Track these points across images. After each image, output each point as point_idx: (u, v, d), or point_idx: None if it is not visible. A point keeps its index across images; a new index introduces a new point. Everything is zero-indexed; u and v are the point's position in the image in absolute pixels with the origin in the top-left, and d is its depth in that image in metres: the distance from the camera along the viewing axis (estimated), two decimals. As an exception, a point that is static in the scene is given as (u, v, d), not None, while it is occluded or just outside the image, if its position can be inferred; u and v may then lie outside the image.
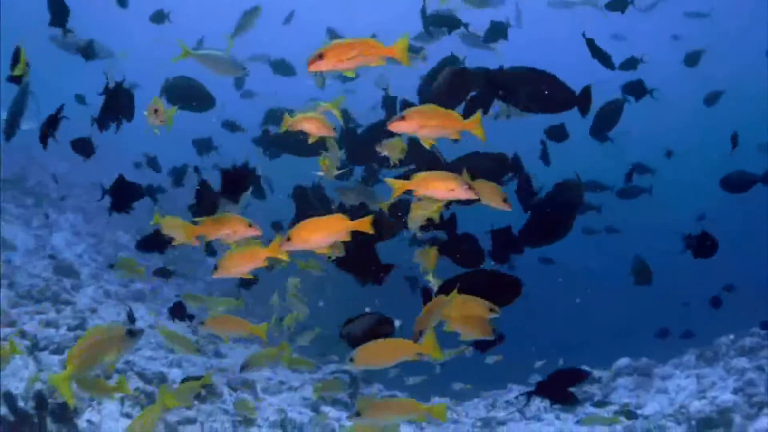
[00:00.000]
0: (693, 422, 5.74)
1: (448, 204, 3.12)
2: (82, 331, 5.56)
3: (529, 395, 4.03)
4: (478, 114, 2.28)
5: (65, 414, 3.96)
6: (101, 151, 4.56)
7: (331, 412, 5.68)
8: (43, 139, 3.28)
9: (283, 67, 5.99)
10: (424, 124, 2.24)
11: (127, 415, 4.29)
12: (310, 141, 3.11)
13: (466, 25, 4.23)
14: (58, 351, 4.94)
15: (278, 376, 6.20)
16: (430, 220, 3.16)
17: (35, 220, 10.18)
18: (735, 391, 6.18)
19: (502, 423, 6.03)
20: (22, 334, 4.76)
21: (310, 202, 3.71)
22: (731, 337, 7.31)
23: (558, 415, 6.11)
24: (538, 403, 6.58)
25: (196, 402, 4.99)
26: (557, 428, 5.52)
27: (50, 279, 7.42)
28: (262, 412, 5.15)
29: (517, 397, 6.52)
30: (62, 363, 4.68)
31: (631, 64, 4.86)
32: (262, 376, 5.98)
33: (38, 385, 3.93)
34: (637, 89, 4.56)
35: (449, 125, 2.27)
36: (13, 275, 7.05)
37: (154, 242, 4.07)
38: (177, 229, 2.96)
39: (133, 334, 2.34)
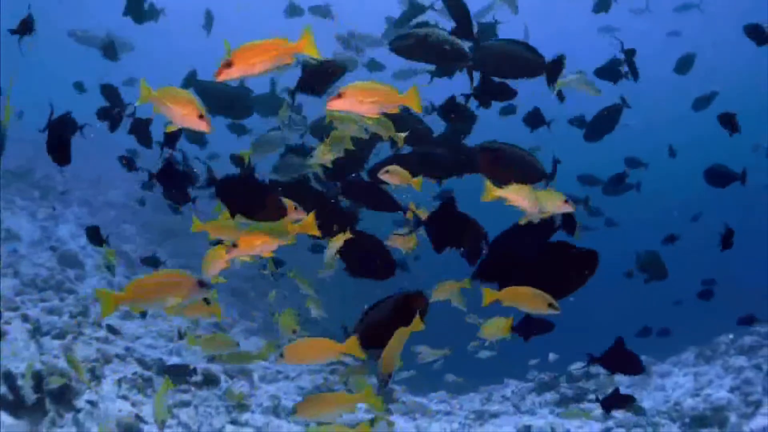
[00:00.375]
0: (687, 419, 5.86)
1: None
2: (84, 317, 5.75)
3: (591, 361, 4.02)
4: (414, 86, 2.29)
5: (64, 394, 4.15)
6: (98, 146, 4.73)
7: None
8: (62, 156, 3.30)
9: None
10: (362, 101, 2.25)
11: (124, 397, 4.49)
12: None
13: (431, 6, 4.26)
14: (59, 336, 5.13)
15: (276, 366, 6.37)
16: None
17: (41, 212, 10.42)
18: (731, 390, 6.30)
19: (495, 415, 6.18)
20: (25, 318, 4.95)
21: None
22: (731, 335, 7.42)
23: (552, 410, 6.25)
24: (533, 398, 6.73)
25: (192, 388, 5.18)
26: (547, 421, 5.66)
27: (54, 269, 7.65)
28: (256, 398, 5.34)
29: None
30: (63, 347, 4.88)
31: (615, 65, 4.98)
32: (259, 365, 6.16)
33: (38, 366, 4.11)
34: (611, 73, 4.63)
35: (388, 100, 2.27)
36: (18, 264, 7.28)
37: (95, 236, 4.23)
38: (228, 231, 3.08)
39: (203, 285, 2.36)
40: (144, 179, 4.06)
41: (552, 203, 2.72)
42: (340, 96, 2.23)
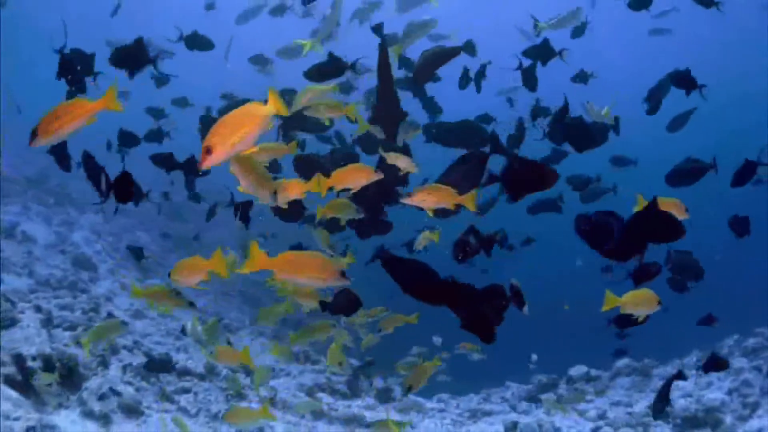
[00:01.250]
0: (678, 420, 6.09)
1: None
2: (95, 314, 6.18)
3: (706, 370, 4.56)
4: (271, 89, 2.02)
5: (71, 377, 4.58)
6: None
7: (325, 398, 6.22)
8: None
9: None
10: (235, 141, 1.96)
11: (128, 383, 4.90)
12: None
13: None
14: (71, 328, 5.55)
15: (279, 364, 6.76)
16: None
17: (56, 218, 10.97)
18: (730, 392, 6.53)
19: (488, 414, 6.50)
20: (38, 309, 5.39)
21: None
22: (735, 337, 7.68)
23: (548, 411, 6.54)
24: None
25: (195, 380, 5.59)
26: (536, 418, 5.94)
27: (68, 270, 8.14)
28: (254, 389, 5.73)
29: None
30: (73, 338, 5.31)
31: (582, 77, 5.27)
32: (262, 362, 6.54)
33: (47, 350, 4.55)
34: (542, 53, 4.84)
35: (255, 121, 2.01)
36: (33, 265, 7.76)
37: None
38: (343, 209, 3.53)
39: (344, 275, 2.53)
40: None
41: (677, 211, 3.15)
42: (209, 151, 1.95)
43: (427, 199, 2.91)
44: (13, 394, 4.13)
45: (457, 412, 6.66)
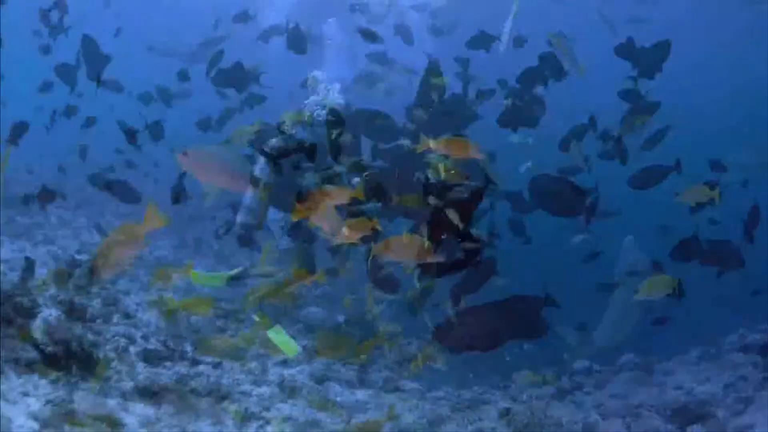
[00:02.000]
0: (668, 412, 6.36)
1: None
2: (114, 306, 6.63)
3: None
4: (150, 207, 2.60)
5: (90, 360, 5.03)
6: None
7: (335, 387, 6.61)
8: None
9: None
10: (114, 263, 2.53)
11: (146, 367, 5.36)
12: None
13: None
14: (90, 320, 6.00)
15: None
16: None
17: (76, 221, 11.54)
18: (726, 386, 6.83)
19: (486, 402, 6.86)
20: (57, 299, 5.84)
21: None
22: (740, 331, 8.00)
23: (548, 403, 6.89)
24: (532, 391, 7.40)
25: (209, 367, 6.03)
26: (530, 406, 6.26)
27: (86, 269, 8.64)
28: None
29: None
30: (92, 328, 5.75)
31: (559, 72, 5.59)
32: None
33: (66, 336, 4.99)
34: (480, 40, 5.15)
35: (131, 241, 2.52)
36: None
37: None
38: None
39: None
40: None
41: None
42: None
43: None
44: (33, 376, 4.58)
45: (456, 400, 7.02)
